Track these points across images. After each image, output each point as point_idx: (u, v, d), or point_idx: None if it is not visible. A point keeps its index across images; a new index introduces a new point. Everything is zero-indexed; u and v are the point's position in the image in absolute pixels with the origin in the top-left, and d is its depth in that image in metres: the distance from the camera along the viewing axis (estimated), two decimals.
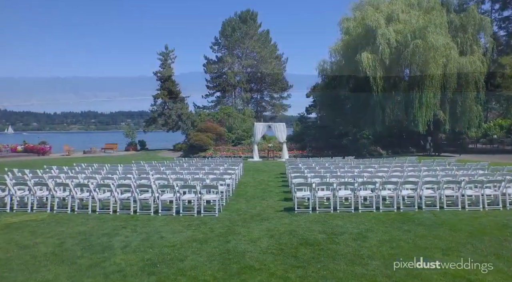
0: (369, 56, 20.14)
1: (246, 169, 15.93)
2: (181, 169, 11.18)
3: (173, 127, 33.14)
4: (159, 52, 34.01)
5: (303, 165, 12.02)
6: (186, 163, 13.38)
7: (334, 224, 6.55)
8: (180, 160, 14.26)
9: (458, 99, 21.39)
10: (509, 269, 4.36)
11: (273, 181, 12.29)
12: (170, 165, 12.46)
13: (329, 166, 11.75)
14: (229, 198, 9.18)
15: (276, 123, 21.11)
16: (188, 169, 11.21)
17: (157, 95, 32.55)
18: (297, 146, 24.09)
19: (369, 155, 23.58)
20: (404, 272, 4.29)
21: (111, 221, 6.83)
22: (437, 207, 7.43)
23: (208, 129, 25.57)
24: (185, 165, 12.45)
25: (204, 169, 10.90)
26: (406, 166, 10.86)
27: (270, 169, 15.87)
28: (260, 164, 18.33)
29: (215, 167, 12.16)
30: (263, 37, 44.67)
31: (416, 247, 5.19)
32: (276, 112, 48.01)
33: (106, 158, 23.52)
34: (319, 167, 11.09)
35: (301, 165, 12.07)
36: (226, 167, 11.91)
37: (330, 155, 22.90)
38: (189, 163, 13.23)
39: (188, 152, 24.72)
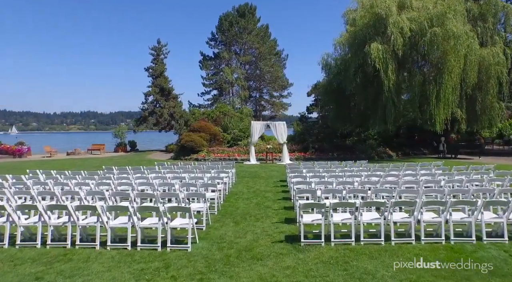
0: (379, 47, 17.94)
1: (241, 174, 13.75)
2: (156, 177, 9.00)
3: (166, 127, 30.94)
4: (151, 47, 31.85)
5: (308, 172, 9.82)
6: (167, 168, 11.18)
7: (361, 268, 4.36)
8: (161, 164, 12.08)
9: (478, 95, 19.20)
10: None
11: (271, 191, 10.10)
12: (145, 172, 10.27)
13: (340, 173, 9.56)
14: (213, 216, 7.01)
15: (275, 122, 18.93)
16: (163, 178, 9.00)
17: (148, 93, 30.34)
18: (298, 147, 21.90)
19: (378, 157, 21.42)
20: None
21: (28, 264, 4.63)
22: (504, 237, 5.24)
23: (201, 129, 23.39)
24: (164, 171, 10.26)
25: (185, 178, 8.69)
26: (438, 175, 8.65)
27: (269, 175, 13.67)
28: (257, 168, 16.14)
29: (201, 173, 9.99)
30: (262, 32, 42.52)
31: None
32: (275, 111, 45.85)
33: (87, 160, 21.33)
34: (328, 175, 8.88)
35: (306, 172, 9.87)
36: (214, 174, 9.73)
37: (336, 158, 20.75)
38: (171, 169, 11.02)
39: (179, 154, 22.53)
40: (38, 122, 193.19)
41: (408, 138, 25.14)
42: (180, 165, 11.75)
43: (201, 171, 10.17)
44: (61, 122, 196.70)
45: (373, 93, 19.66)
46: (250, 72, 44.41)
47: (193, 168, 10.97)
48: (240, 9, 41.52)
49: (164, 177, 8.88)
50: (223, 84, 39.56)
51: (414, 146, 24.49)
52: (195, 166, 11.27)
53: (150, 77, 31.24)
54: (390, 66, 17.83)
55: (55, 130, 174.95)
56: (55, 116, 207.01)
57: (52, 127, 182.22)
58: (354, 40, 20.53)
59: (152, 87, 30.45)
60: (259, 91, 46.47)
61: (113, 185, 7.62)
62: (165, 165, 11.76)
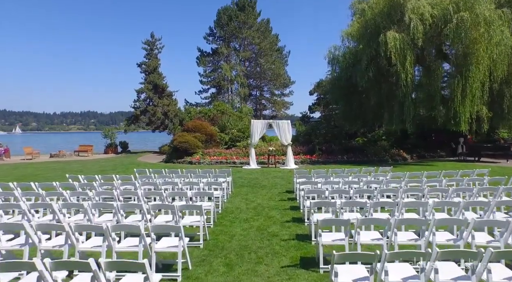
0: (396, 36, 15.84)
1: (239, 182, 11.63)
2: (127, 193, 6.87)
3: (159, 126, 28.81)
4: (144, 41, 29.71)
5: (324, 184, 7.71)
6: (145, 177, 9.04)
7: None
8: (141, 172, 9.97)
9: (506, 91, 17.08)
10: None
11: (276, 207, 7.98)
12: (115, 182, 8.13)
13: (365, 186, 7.45)
14: (196, 252, 4.90)
15: (279, 121, 16.80)
16: (130, 193, 6.85)
17: (141, 90, 28.19)
18: (303, 149, 19.75)
19: (392, 160, 19.30)
20: None
21: None
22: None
23: (196, 129, 21.26)
24: (141, 181, 8.11)
25: (163, 194, 6.54)
26: (501, 190, 6.50)
27: (272, 183, 11.54)
28: (258, 174, 14.02)
29: (188, 185, 7.88)
30: (262, 27, 40.39)
31: None
32: (277, 110, 43.72)
33: (70, 164, 19.21)
34: (354, 189, 6.76)
35: (321, 183, 7.75)
36: (203, 186, 7.62)
37: (346, 161, 18.64)
38: (149, 180, 8.87)
39: (171, 156, 20.42)
40: (38, 122, 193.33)
41: (422, 139, 22.98)
42: (165, 173, 9.62)
43: (186, 183, 8.02)
44: (61, 122, 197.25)
45: (388, 89, 17.56)
46: (250, 70, 42.30)
47: (178, 177, 8.85)
48: (240, 3, 39.36)
49: (134, 192, 6.71)
50: (222, 82, 37.43)
51: (429, 147, 22.35)
52: (181, 175, 9.14)
53: (143, 73, 29.12)
54: (408, 58, 15.74)
55: (55, 130, 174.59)
56: (55, 116, 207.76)
57: (52, 127, 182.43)
58: (366, 30, 18.44)
59: (145, 84, 28.32)
60: (260, 90, 44.36)
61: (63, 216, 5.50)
62: (147, 173, 9.63)
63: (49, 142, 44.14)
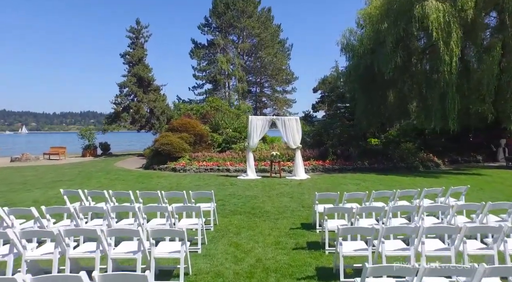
0: (439, 6, 12.14)
1: (229, 205, 7.92)
2: None
3: (145, 125, 25.11)
4: (129, 28, 26.03)
5: (366, 214, 4.05)
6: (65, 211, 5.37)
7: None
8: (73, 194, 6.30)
9: None
10: None
11: (290, 266, 4.29)
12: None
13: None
14: None
15: (284, 118, 13.08)
16: None
17: (123, 83, 24.47)
18: (313, 153, 16.03)
19: (423, 167, 15.62)
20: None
21: None
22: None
23: (183, 128, 17.55)
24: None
25: None
26: None
27: (278, 207, 7.82)
28: (257, 188, 10.32)
29: (129, 236, 4.23)
30: (263, 17, 36.66)
31: None
32: (278, 108, 39.97)
33: (21, 170, 15.45)
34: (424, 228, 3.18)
35: (356, 211, 4.17)
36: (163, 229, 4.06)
37: (368, 168, 14.91)
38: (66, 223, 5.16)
39: (152, 161, 16.75)
40: (38, 122, 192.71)
41: (453, 140, 19.16)
42: (110, 200, 5.93)
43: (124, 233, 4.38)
44: (60, 122, 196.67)
45: (422, 77, 13.86)
46: (249, 64, 38.59)
47: (111, 212, 5.20)
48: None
49: None
50: (218, 76, 33.68)
51: (462, 151, 18.62)
52: (118, 206, 5.46)
53: (126, 64, 25.43)
54: (454, 35, 12.04)
55: (55, 130, 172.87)
56: (55, 116, 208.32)
57: (52, 127, 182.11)
58: (392, 5, 14.77)
59: (128, 76, 24.61)
60: (260, 86, 40.63)
61: None
62: (84, 194, 5.95)
63: (47, 141, 43.08)
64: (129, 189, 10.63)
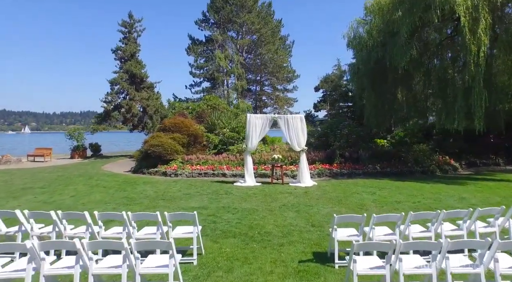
0: None
1: (223, 221, 6.40)
2: None
3: (137, 125, 23.58)
4: (121, 22, 24.49)
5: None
6: None
7: None
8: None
9: None
10: None
11: None
12: None
13: None
14: None
15: (288, 116, 11.54)
16: None
17: (114, 80, 22.94)
18: (319, 156, 14.48)
19: (441, 171, 14.10)
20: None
21: None
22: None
23: (176, 127, 16.04)
24: None
25: None
26: None
27: (282, 226, 6.28)
28: (257, 199, 8.79)
29: None
30: (263, 11, 35.13)
31: None
32: (279, 108, 38.41)
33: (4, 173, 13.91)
34: None
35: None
36: None
37: (380, 172, 13.38)
38: None
39: (141, 165, 15.24)
40: (38, 122, 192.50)
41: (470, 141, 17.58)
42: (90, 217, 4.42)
43: None
44: (60, 122, 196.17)
45: (442, 71, 12.33)
46: (249, 62, 37.04)
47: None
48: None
49: None
50: (216, 74, 32.13)
51: (480, 153, 17.09)
52: (76, 241, 3.95)
53: (118, 60, 23.90)
54: (482, 21, 10.50)
55: (55, 130, 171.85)
56: (55, 116, 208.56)
57: (52, 127, 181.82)
58: None
59: (119, 73, 23.08)
60: (260, 84, 39.07)
61: None
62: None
63: (45, 141, 42.09)
64: (108, 198, 9.09)
